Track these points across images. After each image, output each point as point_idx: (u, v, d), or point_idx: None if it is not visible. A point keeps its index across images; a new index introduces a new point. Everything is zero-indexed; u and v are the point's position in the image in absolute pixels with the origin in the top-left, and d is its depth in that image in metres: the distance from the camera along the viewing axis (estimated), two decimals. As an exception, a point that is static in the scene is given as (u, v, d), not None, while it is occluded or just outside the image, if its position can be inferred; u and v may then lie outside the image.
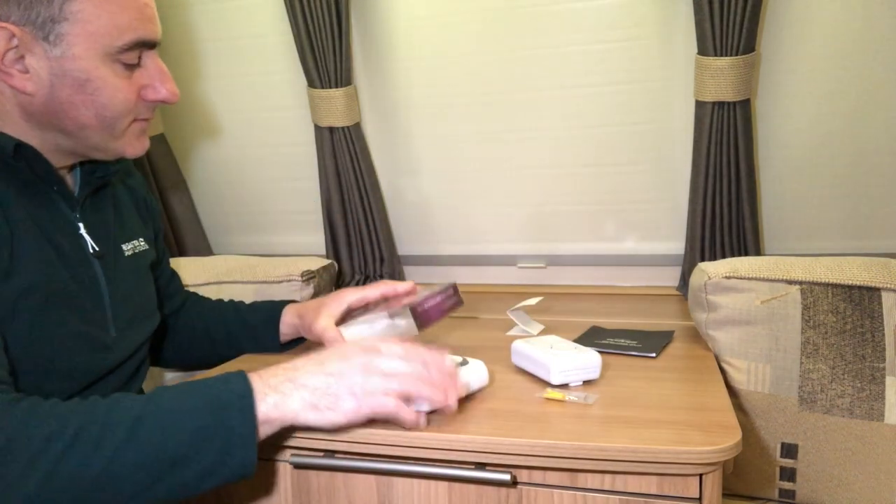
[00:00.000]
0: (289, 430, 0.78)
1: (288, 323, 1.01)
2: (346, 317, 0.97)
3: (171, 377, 1.26)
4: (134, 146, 0.80)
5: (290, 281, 1.27)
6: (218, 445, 0.63)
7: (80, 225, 0.80)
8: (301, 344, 1.05)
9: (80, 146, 0.77)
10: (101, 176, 0.84)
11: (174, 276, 1.08)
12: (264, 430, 0.67)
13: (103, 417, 0.61)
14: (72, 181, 0.82)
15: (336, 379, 0.68)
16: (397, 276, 1.46)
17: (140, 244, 0.91)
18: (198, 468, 0.63)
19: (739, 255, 1.23)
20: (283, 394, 0.67)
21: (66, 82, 0.71)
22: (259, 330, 1.02)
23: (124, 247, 0.87)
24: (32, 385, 0.67)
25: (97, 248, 0.80)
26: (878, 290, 0.91)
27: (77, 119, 0.73)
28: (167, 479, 0.61)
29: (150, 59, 0.78)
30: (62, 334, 0.73)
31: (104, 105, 0.74)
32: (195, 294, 1.13)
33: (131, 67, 0.75)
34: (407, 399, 0.70)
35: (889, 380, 0.90)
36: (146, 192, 0.99)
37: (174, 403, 0.64)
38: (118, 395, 0.65)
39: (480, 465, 0.73)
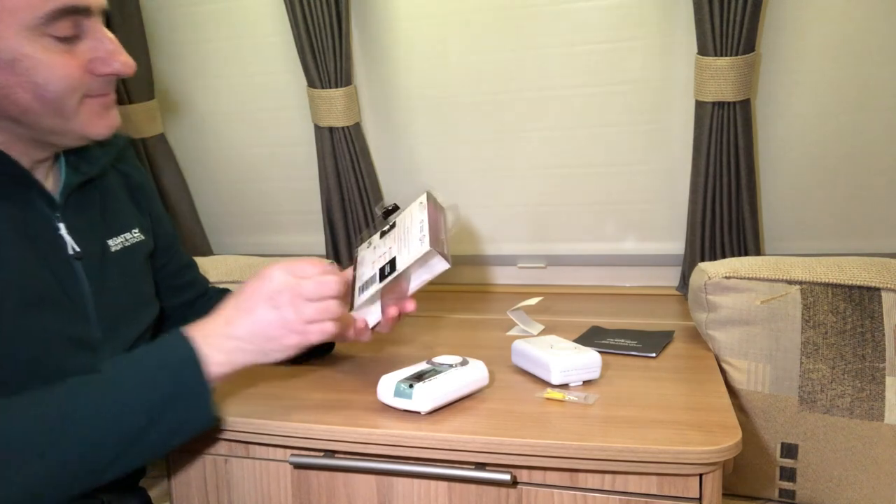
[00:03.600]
0: (289, 431, 0.79)
1: None
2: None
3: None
4: (96, 125, 0.72)
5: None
6: (177, 412, 0.69)
7: (61, 225, 0.76)
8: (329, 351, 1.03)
9: (37, 133, 0.71)
10: (85, 171, 0.80)
11: (189, 267, 1.02)
12: (217, 382, 0.73)
13: (58, 408, 0.65)
14: (55, 178, 0.78)
15: (272, 324, 0.72)
16: (397, 276, 1.46)
17: (133, 236, 0.87)
18: (160, 437, 0.69)
19: (739, 255, 1.23)
20: (228, 352, 0.72)
21: None
22: None
23: (111, 242, 0.83)
24: (21, 386, 0.67)
25: (78, 250, 0.77)
26: (878, 290, 0.91)
27: (17, 103, 0.67)
28: (133, 449, 0.67)
29: (93, 29, 0.70)
30: (44, 336, 0.71)
31: (40, 85, 0.66)
32: (218, 289, 1.07)
33: (69, 41, 0.68)
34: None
35: (889, 380, 0.90)
36: (142, 176, 0.93)
37: (126, 384, 0.68)
38: (73, 380, 0.68)
39: (480, 465, 0.73)
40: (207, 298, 1.03)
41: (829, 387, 0.93)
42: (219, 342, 0.72)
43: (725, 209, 1.20)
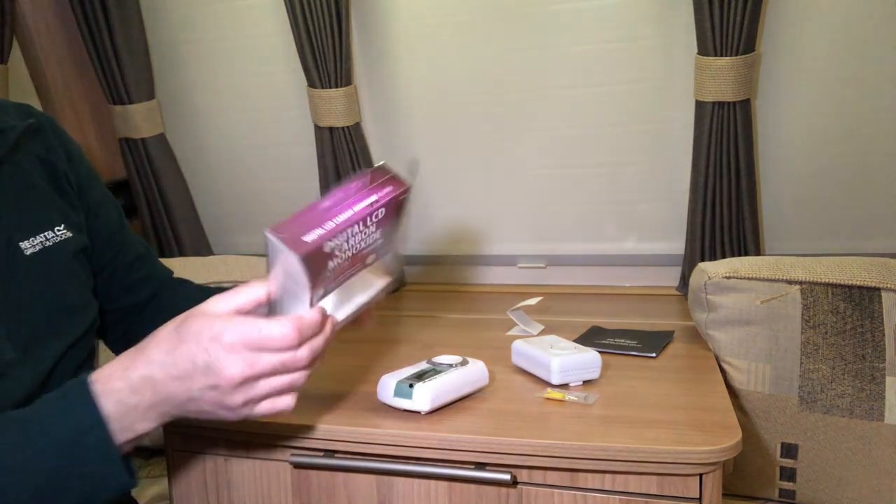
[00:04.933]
0: (289, 431, 0.79)
1: None
2: None
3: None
4: None
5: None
6: (81, 486, 0.57)
7: None
8: None
9: None
10: None
11: (142, 259, 0.86)
12: (130, 447, 0.60)
13: None
14: None
15: (210, 402, 0.59)
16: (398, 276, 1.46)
17: (55, 234, 0.72)
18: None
19: (739, 255, 1.23)
20: (152, 420, 0.59)
21: None
22: None
23: (25, 244, 0.68)
24: None
25: None
26: (878, 290, 0.91)
27: None
28: None
29: None
30: None
31: None
32: (185, 282, 0.92)
33: None
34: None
35: (889, 380, 0.90)
36: (71, 163, 0.77)
37: (15, 454, 0.55)
38: None
39: (480, 465, 0.73)
40: (172, 294, 0.88)
41: (829, 387, 0.93)
42: (142, 412, 0.58)
43: (725, 209, 1.20)
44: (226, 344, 0.57)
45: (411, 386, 0.77)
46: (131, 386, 0.58)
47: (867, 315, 0.91)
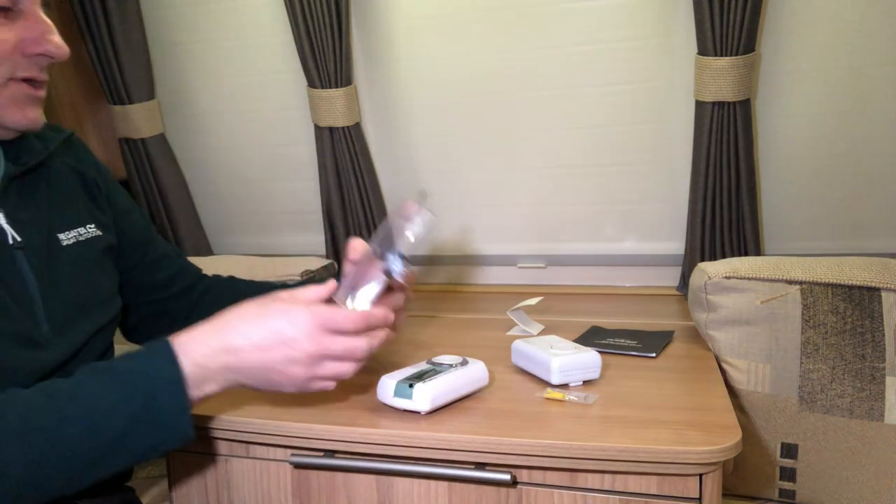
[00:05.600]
0: (289, 431, 0.78)
1: None
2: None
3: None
4: (15, 113, 0.71)
5: (290, 280, 1.27)
6: (151, 434, 0.64)
7: (0, 215, 0.73)
8: None
9: None
10: (25, 161, 0.76)
11: (168, 258, 0.96)
12: (198, 405, 0.68)
13: (21, 424, 0.60)
14: None
15: (280, 372, 0.68)
16: (397, 276, 1.46)
17: (87, 231, 0.82)
18: (129, 458, 0.64)
19: (739, 255, 1.23)
20: (221, 383, 0.68)
21: None
22: None
23: (62, 236, 0.78)
24: None
25: (19, 239, 0.73)
26: (878, 290, 0.91)
27: None
28: (98, 469, 0.63)
29: (30, 9, 0.70)
30: None
31: None
32: (219, 278, 1.02)
33: (4, 13, 0.67)
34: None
35: (889, 380, 0.90)
36: (97, 172, 0.88)
37: (99, 400, 0.63)
38: (38, 389, 0.63)
39: (480, 465, 0.73)
40: (204, 290, 0.98)
41: (829, 387, 0.93)
42: (216, 369, 0.67)
43: (725, 209, 1.20)
44: (309, 324, 0.68)
45: (411, 386, 0.76)
46: (211, 350, 0.67)
47: (867, 315, 0.91)
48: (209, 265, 1.31)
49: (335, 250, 1.46)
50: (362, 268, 0.80)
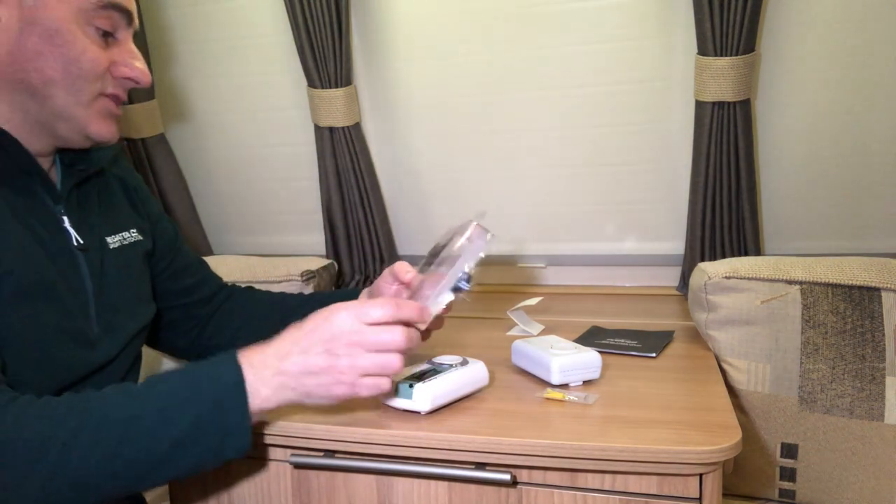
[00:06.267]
0: (289, 431, 0.79)
1: None
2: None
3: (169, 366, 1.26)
4: (99, 125, 0.77)
5: (289, 281, 1.26)
6: (213, 440, 0.66)
7: (64, 218, 0.78)
8: None
9: (46, 114, 0.74)
10: (82, 168, 0.82)
11: (194, 266, 1.02)
12: (258, 418, 0.70)
13: (98, 416, 0.63)
14: (54, 174, 0.81)
15: (323, 368, 0.69)
16: (397, 276, 1.46)
17: (130, 235, 0.88)
18: (193, 459, 0.66)
19: (739, 255, 1.23)
20: (275, 388, 0.69)
21: (36, 31, 0.70)
22: None
23: (109, 240, 0.84)
24: (14, 381, 0.67)
25: (81, 242, 0.79)
26: (878, 290, 0.91)
27: (43, 71, 0.71)
28: (165, 468, 0.65)
29: (125, 39, 0.78)
30: (42, 327, 0.71)
31: (72, 60, 0.72)
32: (238, 287, 1.07)
33: (105, 37, 0.75)
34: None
35: (889, 380, 0.90)
36: (136, 180, 0.96)
37: (168, 399, 0.66)
38: (112, 388, 0.67)
39: (480, 465, 0.73)
40: (225, 299, 1.03)
41: (829, 387, 0.93)
42: (267, 376, 0.69)
43: (725, 209, 1.20)
44: (345, 321, 0.70)
45: (411, 386, 0.77)
46: (264, 354, 0.70)
47: (867, 315, 0.91)
48: (209, 265, 1.31)
49: (335, 250, 1.46)
50: (418, 289, 0.82)
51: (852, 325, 0.92)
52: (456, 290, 0.81)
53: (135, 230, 0.89)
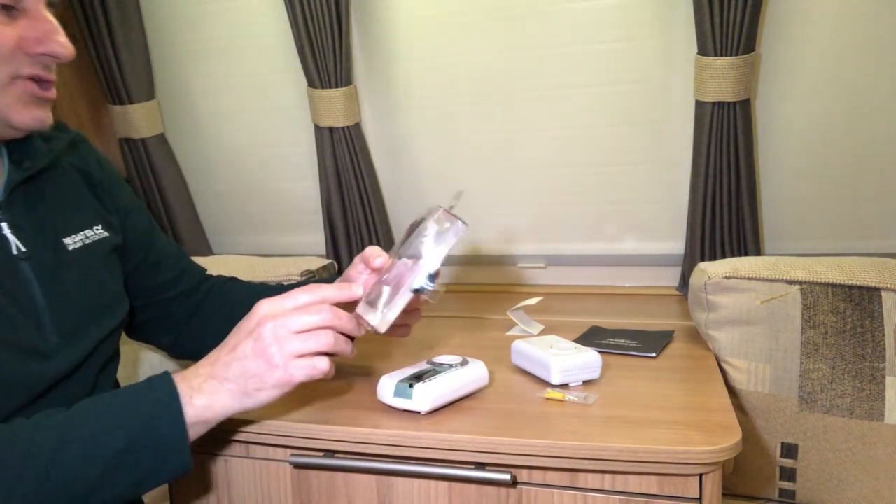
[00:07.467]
0: (289, 431, 0.78)
1: None
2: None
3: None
4: (21, 112, 0.69)
5: (289, 281, 1.26)
6: (149, 455, 0.64)
7: (3, 224, 0.71)
8: None
9: None
10: (29, 166, 0.74)
11: (172, 258, 0.95)
12: (197, 431, 0.68)
13: (24, 445, 0.60)
14: (0, 171, 0.74)
15: (252, 359, 0.68)
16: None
17: (94, 233, 0.81)
18: (131, 480, 0.64)
19: (739, 255, 1.23)
20: (209, 393, 0.67)
21: None
22: None
23: (68, 241, 0.77)
24: None
25: (24, 249, 0.72)
26: (878, 290, 0.91)
27: None
28: (102, 491, 0.62)
29: (34, 9, 0.69)
30: None
31: None
32: (220, 280, 1.00)
33: (6, 11, 0.66)
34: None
35: (889, 380, 0.90)
36: (102, 171, 0.86)
37: (99, 420, 0.63)
38: (40, 415, 0.64)
39: (480, 465, 0.73)
40: (207, 293, 0.96)
41: (829, 387, 0.93)
42: (198, 383, 0.67)
43: (725, 209, 1.20)
44: (263, 305, 0.70)
45: (411, 386, 0.76)
46: (195, 366, 0.69)
47: (867, 315, 0.91)
48: (209, 265, 1.30)
49: (335, 250, 1.46)
50: (385, 280, 0.76)
51: (852, 325, 0.92)
52: (418, 290, 0.75)
53: (100, 226, 0.82)
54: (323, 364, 0.69)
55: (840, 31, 1.14)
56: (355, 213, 1.41)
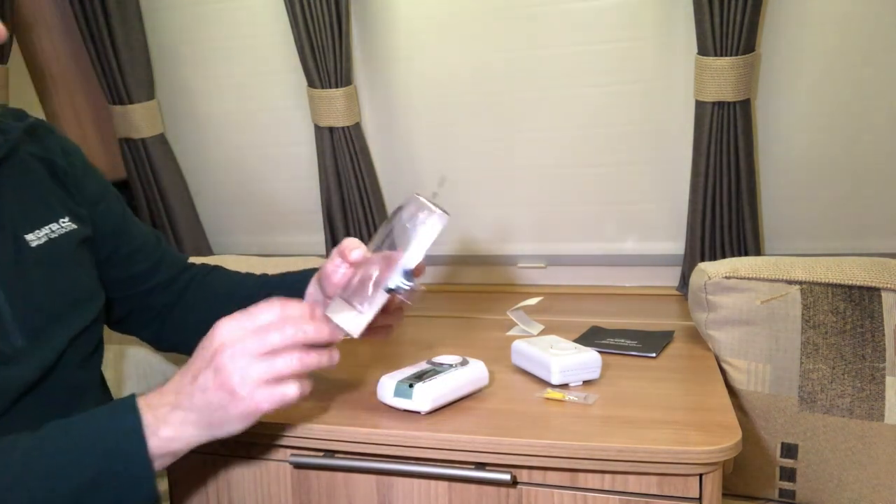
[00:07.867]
0: (289, 431, 0.78)
1: (310, 293, 0.84)
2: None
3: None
4: None
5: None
6: (114, 490, 0.61)
7: None
8: None
9: None
10: None
11: (147, 247, 0.89)
12: (163, 462, 0.64)
13: None
14: None
15: (213, 391, 0.62)
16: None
17: (60, 226, 0.75)
18: None
19: (739, 255, 1.23)
20: (175, 425, 0.63)
21: None
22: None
23: (30, 237, 0.72)
24: None
25: None
26: (878, 290, 0.91)
27: None
28: None
29: None
30: None
31: None
32: (202, 269, 0.95)
33: None
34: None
35: (889, 380, 0.90)
36: (68, 159, 0.81)
37: (63, 454, 0.60)
38: (5, 440, 0.61)
39: (480, 465, 0.73)
40: (187, 283, 0.92)
41: (829, 387, 0.93)
42: (164, 413, 0.63)
43: (725, 209, 1.20)
44: (223, 328, 0.64)
45: (411, 386, 0.77)
46: (160, 392, 0.64)
47: (867, 315, 0.91)
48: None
49: (335, 250, 1.46)
50: (362, 276, 0.71)
51: (852, 325, 0.92)
52: (393, 290, 0.69)
53: (66, 218, 0.76)
54: (291, 390, 0.63)
55: (840, 31, 1.14)
56: (355, 213, 1.41)
